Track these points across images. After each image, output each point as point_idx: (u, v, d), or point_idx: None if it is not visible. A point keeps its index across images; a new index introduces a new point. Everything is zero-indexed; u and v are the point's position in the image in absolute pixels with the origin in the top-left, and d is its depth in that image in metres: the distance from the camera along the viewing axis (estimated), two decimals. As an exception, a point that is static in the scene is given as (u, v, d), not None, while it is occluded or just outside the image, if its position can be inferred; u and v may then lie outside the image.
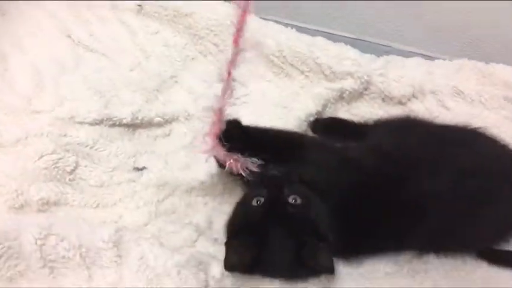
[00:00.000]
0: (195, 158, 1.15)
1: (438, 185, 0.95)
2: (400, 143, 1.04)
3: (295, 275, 0.92)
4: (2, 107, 1.16)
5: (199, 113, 1.25)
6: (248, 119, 1.13)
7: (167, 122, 1.23)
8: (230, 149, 0.93)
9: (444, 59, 1.42)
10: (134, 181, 1.09)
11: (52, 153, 1.04)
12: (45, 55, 1.35)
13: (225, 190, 1.10)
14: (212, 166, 1.11)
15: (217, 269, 0.91)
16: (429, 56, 1.45)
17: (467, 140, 1.07)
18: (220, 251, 0.97)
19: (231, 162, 0.93)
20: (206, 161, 0.99)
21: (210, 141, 0.92)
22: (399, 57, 1.41)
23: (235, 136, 0.93)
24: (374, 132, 1.13)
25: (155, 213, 1.04)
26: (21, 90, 1.22)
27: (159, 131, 1.21)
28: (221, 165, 1.01)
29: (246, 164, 0.92)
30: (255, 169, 0.92)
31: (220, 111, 0.90)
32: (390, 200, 0.93)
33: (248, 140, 0.97)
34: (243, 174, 0.93)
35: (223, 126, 0.92)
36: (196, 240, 1.01)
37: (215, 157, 0.99)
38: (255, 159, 0.92)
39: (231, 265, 0.88)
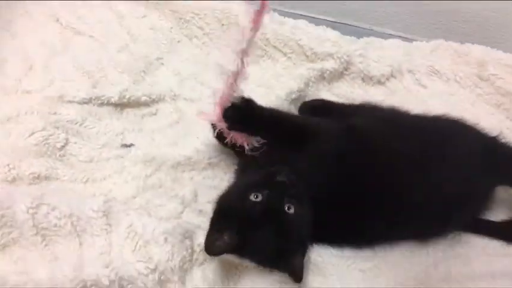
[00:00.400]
0: (180, 136, 1.20)
1: (420, 177, 0.99)
2: (384, 137, 1.05)
3: (269, 266, 0.96)
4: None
5: (184, 93, 1.30)
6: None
7: (153, 101, 1.26)
8: (230, 128, 0.97)
9: (422, 41, 1.47)
10: (122, 157, 1.13)
11: (42, 130, 1.07)
12: (35, 39, 1.38)
13: (209, 165, 1.14)
14: (197, 142, 1.16)
15: (202, 237, 0.95)
16: (407, 38, 1.50)
17: (446, 134, 1.09)
18: (204, 222, 1.01)
19: (235, 135, 0.97)
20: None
21: (218, 112, 0.96)
22: (378, 39, 1.46)
23: (234, 118, 0.96)
24: (360, 121, 1.12)
25: (143, 187, 1.08)
26: (12, 72, 1.26)
27: (146, 110, 1.25)
28: (219, 137, 1.05)
29: (249, 140, 0.97)
30: (257, 145, 0.97)
31: (231, 86, 0.94)
32: (376, 192, 0.97)
33: (247, 124, 0.98)
34: (246, 148, 0.98)
35: (228, 104, 0.95)
36: (182, 212, 1.05)
37: (216, 127, 1.02)
38: (258, 138, 0.97)
39: (214, 252, 0.91)
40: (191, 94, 1.30)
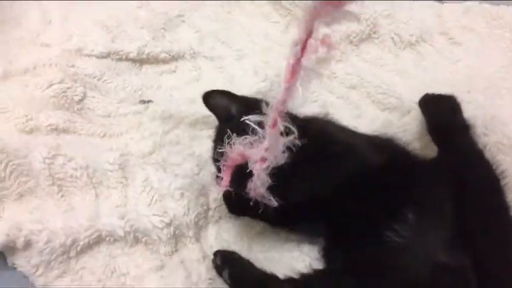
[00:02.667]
0: (199, 93, 1.17)
1: None
2: None
3: None
4: (10, 39, 1.19)
5: (204, 51, 1.27)
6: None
7: (173, 58, 1.23)
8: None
9: (453, 2, 1.39)
10: (140, 113, 1.11)
11: (61, 82, 1.05)
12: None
13: (228, 123, 1.11)
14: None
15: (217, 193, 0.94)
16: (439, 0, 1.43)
17: None
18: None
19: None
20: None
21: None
22: (407, 0, 1.39)
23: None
24: None
25: (160, 144, 1.05)
26: (31, 26, 1.24)
27: (165, 67, 1.22)
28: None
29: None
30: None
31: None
32: None
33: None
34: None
35: None
36: (198, 174, 1.01)
37: None
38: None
39: None
40: (211, 52, 1.27)
